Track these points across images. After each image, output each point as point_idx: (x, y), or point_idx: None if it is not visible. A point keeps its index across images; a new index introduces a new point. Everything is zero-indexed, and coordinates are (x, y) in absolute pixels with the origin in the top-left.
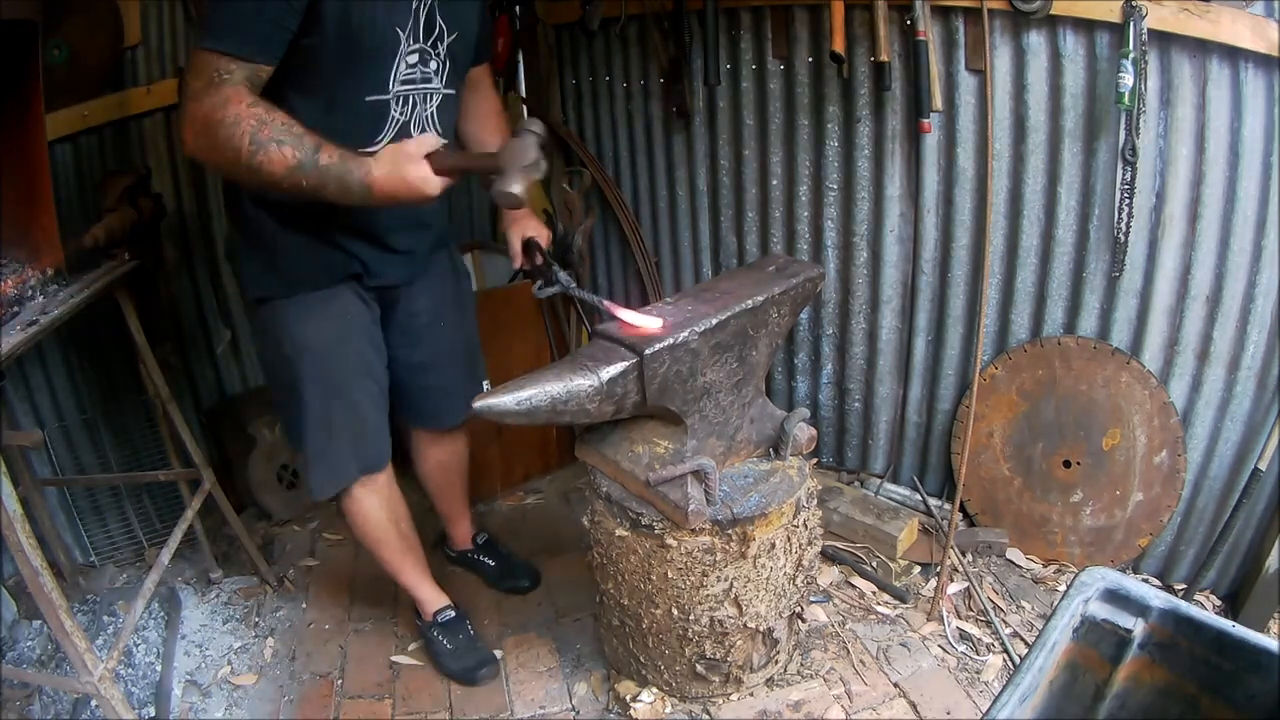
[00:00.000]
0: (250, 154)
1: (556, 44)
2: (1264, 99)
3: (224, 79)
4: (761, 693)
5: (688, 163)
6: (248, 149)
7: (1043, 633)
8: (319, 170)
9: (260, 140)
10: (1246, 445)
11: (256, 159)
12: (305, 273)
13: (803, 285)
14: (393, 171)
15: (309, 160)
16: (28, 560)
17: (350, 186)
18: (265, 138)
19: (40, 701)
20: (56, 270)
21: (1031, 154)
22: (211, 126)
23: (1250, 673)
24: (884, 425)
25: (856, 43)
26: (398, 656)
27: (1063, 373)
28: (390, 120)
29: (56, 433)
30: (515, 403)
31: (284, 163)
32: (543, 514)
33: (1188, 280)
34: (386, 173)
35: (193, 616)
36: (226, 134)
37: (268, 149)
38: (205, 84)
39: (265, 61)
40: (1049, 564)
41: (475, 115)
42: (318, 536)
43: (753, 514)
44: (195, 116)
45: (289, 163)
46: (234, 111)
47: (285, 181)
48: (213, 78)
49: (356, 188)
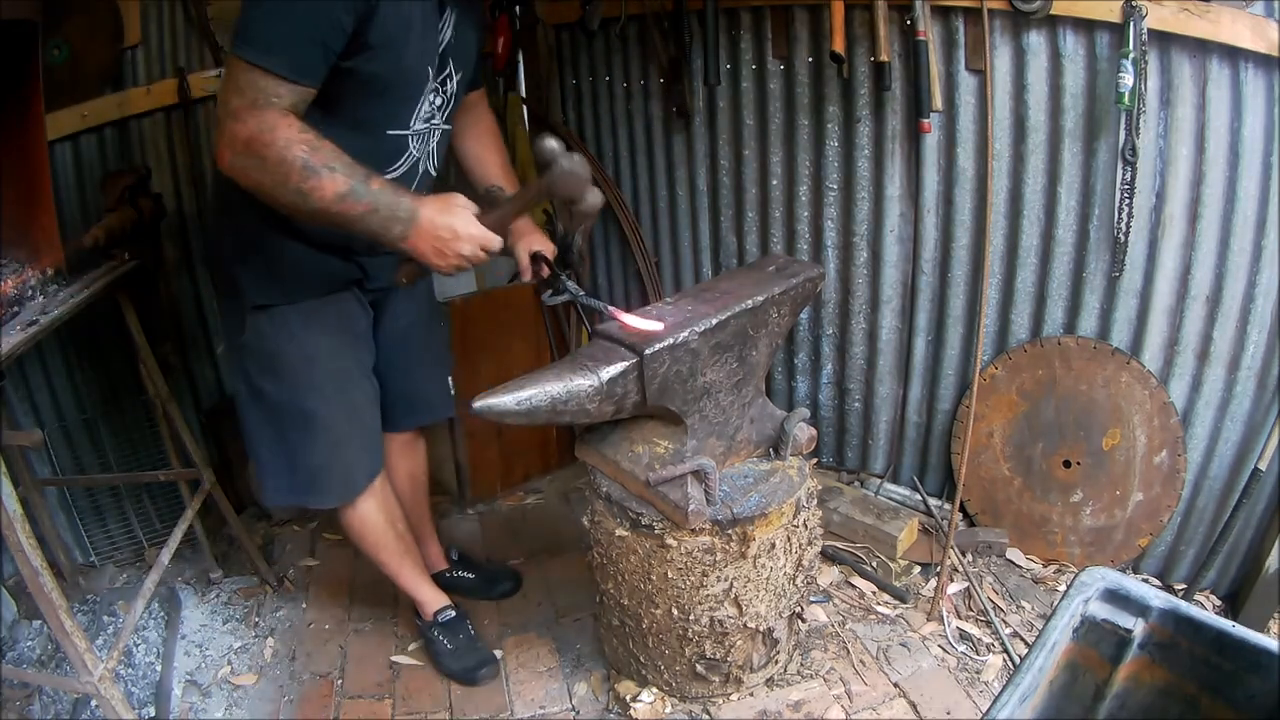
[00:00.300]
0: (301, 179)
1: (556, 44)
2: (1264, 99)
3: (272, 102)
4: (761, 693)
5: (688, 163)
6: (299, 174)
7: (1043, 633)
8: (371, 197)
9: (312, 166)
10: (1246, 445)
11: (307, 184)
12: (308, 279)
13: (803, 285)
14: (443, 213)
15: (360, 188)
16: (28, 560)
17: (398, 215)
18: (317, 164)
19: (40, 701)
20: (56, 270)
21: (1031, 154)
22: (257, 149)
23: (1250, 673)
24: (884, 425)
25: (856, 43)
26: (398, 656)
27: (1063, 373)
28: (407, 155)
29: (56, 433)
30: (515, 403)
31: (335, 189)
32: (543, 514)
33: (1188, 280)
34: (437, 212)
35: (193, 616)
36: (276, 158)
37: (319, 175)
38: (249, 104)
39: (314, 85)
40: (1049, 564)
41: (473, 133)
42: (318, 536)
43: (753, 514)
44: (238, 137)
45: (339, 189)
46: (284, 136)
47: (334, 208)
48: (258, 99)
49: (404, 216)
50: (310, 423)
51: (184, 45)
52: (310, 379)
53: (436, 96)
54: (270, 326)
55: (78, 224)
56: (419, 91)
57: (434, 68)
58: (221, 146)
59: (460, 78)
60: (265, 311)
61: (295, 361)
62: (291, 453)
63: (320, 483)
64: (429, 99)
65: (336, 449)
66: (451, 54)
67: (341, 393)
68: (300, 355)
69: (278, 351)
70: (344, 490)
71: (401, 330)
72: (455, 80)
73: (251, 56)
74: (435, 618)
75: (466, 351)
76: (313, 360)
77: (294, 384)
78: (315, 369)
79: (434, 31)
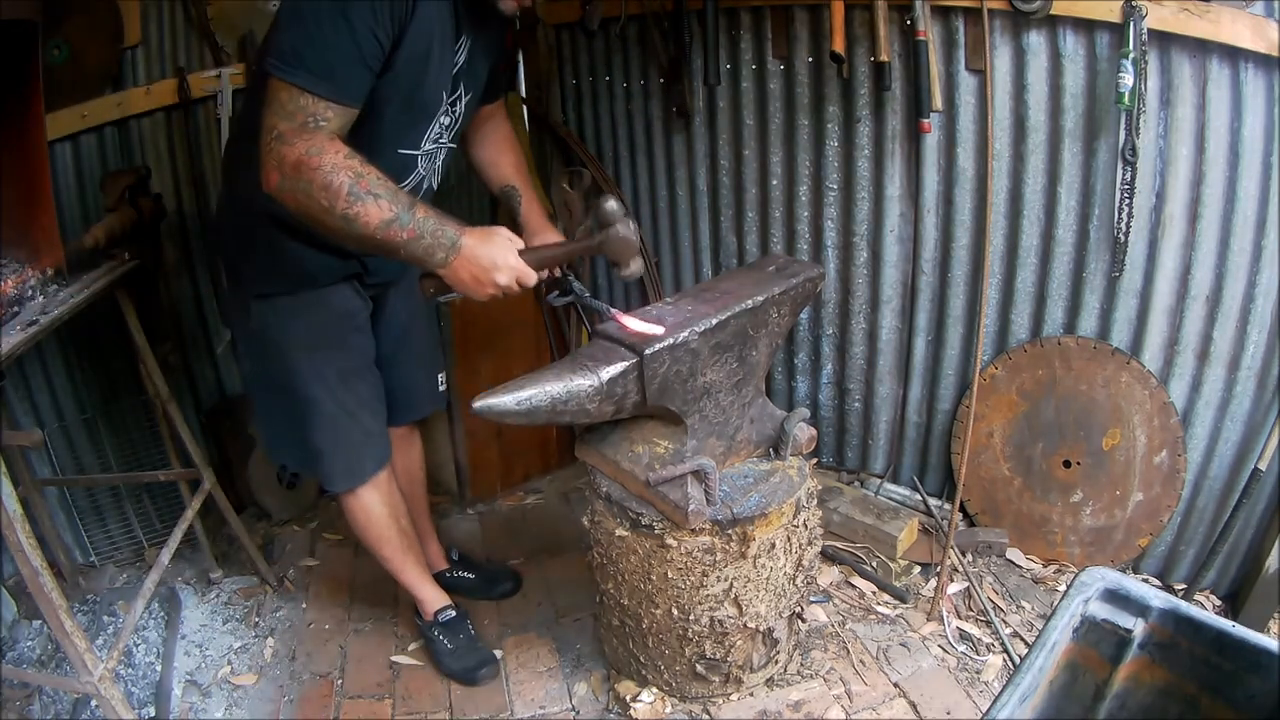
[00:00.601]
0: (347, 205)
1: (556, 44)
2: (1264, 99)
3: (320, 125)
4: (761, 693)
5: (688, 163)
6: (344, 199)
7: (1043, 633)
8: (415, 224)
9: (358, 192)
10: (1246, 445)
11: (353, 210)
12: (308, 273)
13: (803, 285)
14: (485, 243)
15: (405, 215)
16: (28, 560)
17: (441, 243)
18: (363, 190)
19: (40, 701)
20: (56, 270)
21: (1031, 154)
22: (304, 172)
23: (1250, 673)
24: (884, 425)
25: (856, 43)
26: (398, 656)
27: (1063, 373)
28: (414, 174)
29: (56, 433)
30: (515, 403)
31: (380, 216)
32: (543, 514)
33: (1188, 280)
34: (479, 242)
35: (193, 616)
36: (323, 182)
37: (365, 202)
38: (297, 127)
39: (358, 106)
40: (1049, 564)
41: (491, 140)
42: (318, 536)
43: (753, 514)
44: (286, 160)
45: (385, 216)
46: (330, 160)
47: (378, 234)
48: (306, 122)
49: (448, 244)
50: (315, 408)
51: (184, 45)
52: (313, 367)
53: (446, 117)
54: (273, 316)
55: (78, 224)
56: (433, 113)
57: (447, 91)
58: (269, 169)
59: (469, 99)
60: (267, 300)
61: (297, 350)
62: (299, 433)
63: (326, 464)
64: (440, 120)
65: (342, 434)
66: (464, 77)
67: (344, 381)
68: (302, 344)
69: (280, 340)
70: (349, 475)
71: (399, 326)
72: (464, 102)
73: (298, 80)
74: (436, 617)
75: (466, 351)
76: (314, 349)
77: (297, 371)
78: (317, 358)
79: (450, 55)
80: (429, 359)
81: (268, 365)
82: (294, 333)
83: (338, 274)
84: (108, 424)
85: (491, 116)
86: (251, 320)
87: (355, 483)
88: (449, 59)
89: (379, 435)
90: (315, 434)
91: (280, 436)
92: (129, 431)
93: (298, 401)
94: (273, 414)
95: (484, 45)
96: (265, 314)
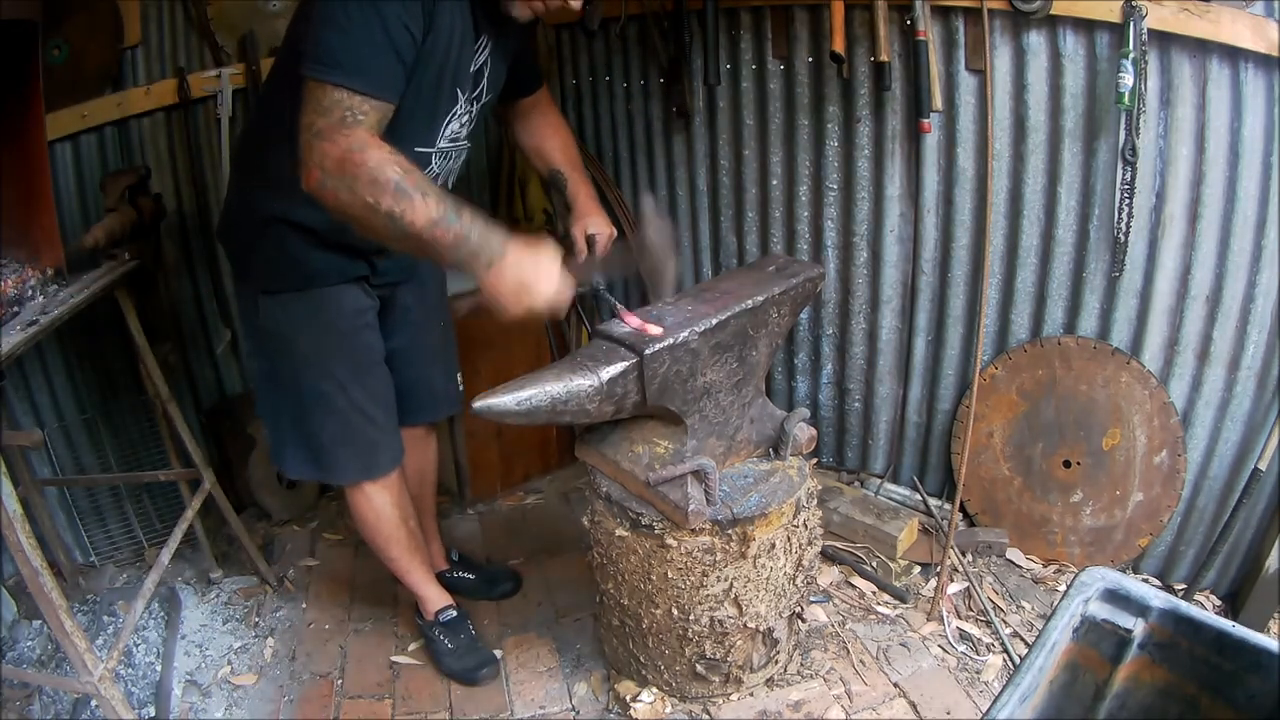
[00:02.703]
0: (394, 201)
1: (556, 44)
2: (1264, 99)
3: (358, 120)
4: (761, 693)
5: (688, 163)
6: (391, 196)
7: (1043, 633)
8: (462, 227)
9: (405, 189)
10: (1246, 445)
11: (399, 207)
12: (315, 271)
13: (803, 285)
14: (531, 254)
15: (453, 215)
16: (28, 560)
17: (488, 249)
18: (410, 186)
19: (40, 701)
20: (56, 270)
21: (1031, 154)
22: (349, 169)
23: (1250, 673)
24: (884, 425)
25: (856, 43)
26: (398, 656)
27: (1063, 373)
28: (429, 172)
29: (56, 433)
30: (515, 403)
31: (427, 215)
32: (543, 514)
33: (1188, 280)
34: (525, 253)
35: (193, 616)
36: (369, 178)
37: (413, 199)
38: (335, 123)
39: (394, 101)
40: (1049, 564)
41: (538, 128)
42: (318, 536)
43: (753, 514)
44: (328, 156)
45: (432, 215)
46: (375, 156)
47: (425, 233)
48: (345, 117)
49: (494, 251)
50: (324, 404)
51: (184, 45)
52: (322, 363)
53: (464, 116)
54: (282, 312)
55: (78, 224)
56: (448, 110)
57: (465, 90)
58: (311, 167)
59: (488, 100)
60: (275, 296)
61: (306, 346)
62: (310, 430)
63: (339, 459)
64: (458, 118)
65: (352, 431)
66: (483, 77)
67: (355, 376)
68: (311, 340)
69: (290, 335)
70: (363, 469)
71: (411, 324)
72: (482, 103)
73: (333, 77)
74: (437, 617)
75: (466, 351)
76: (322, 345)
77: (307, 366)
78: (325, 354)
79: (470, 54)
80: (445, 358)
81: (276, 362)
82: (303, 329)
83: (345, 274)
84: (108, 424)
85: (535, 105)
86: (260, 316)
87: (367, 477)
88: (468, 58)
89: (391, 432)
90: (324, 430)
91: (285, 436)
92: (129, 431)
93: (306, 398)
94: (279, 412)
95: (505, 46)
96: (274, 310)
